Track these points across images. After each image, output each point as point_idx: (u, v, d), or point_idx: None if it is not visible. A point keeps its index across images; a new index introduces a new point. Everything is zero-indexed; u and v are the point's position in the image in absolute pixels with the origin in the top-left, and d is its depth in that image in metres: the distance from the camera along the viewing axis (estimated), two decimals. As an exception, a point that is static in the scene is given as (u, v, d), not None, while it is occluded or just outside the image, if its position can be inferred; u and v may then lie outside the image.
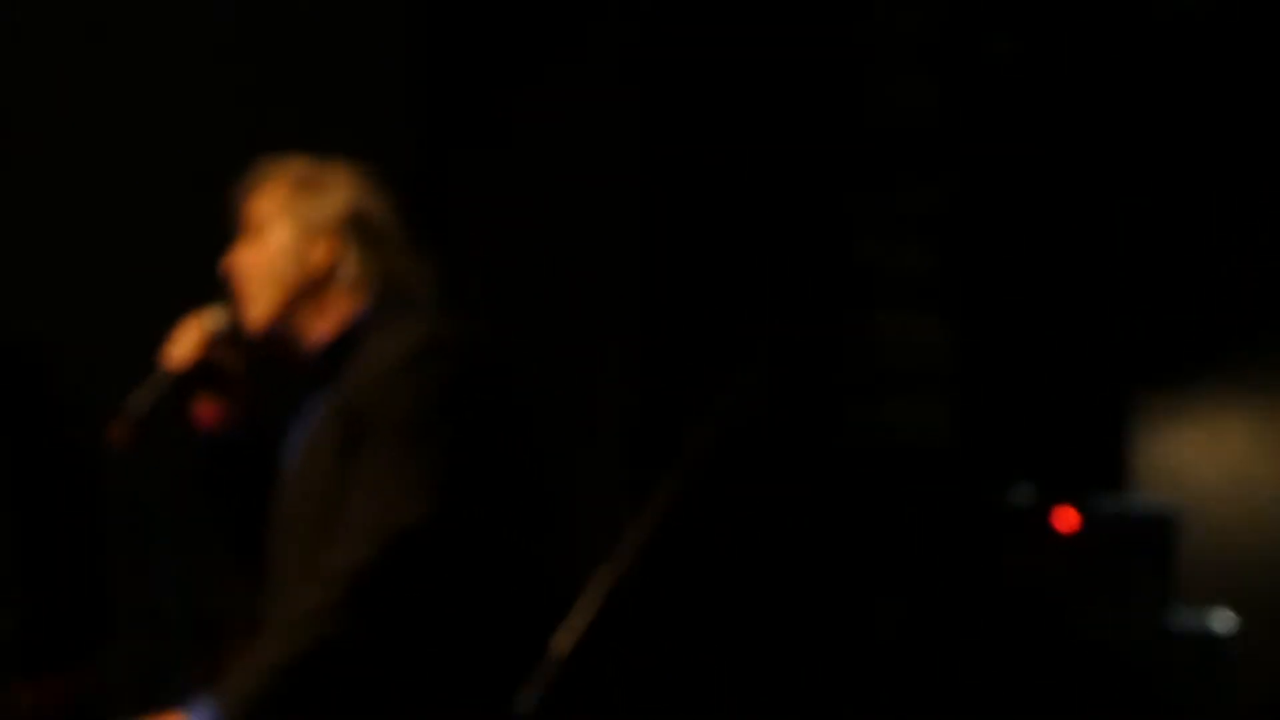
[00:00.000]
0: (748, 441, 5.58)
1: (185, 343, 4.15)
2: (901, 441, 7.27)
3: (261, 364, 4.28)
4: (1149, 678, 6.94)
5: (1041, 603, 6.97)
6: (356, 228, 4.14)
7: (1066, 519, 6.93)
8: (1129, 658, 6.93)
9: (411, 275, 4.15)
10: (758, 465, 6.31)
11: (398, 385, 3.95)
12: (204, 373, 4.21)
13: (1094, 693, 6.89)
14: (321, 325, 4.13)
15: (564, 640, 3.82)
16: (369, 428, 3.95)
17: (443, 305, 4.15)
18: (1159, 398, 7.93)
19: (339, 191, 4.19)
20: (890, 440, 7.23)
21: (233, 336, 4.21)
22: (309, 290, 4.16)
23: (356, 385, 3.98)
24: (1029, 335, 7.40)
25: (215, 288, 4.20)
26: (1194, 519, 7.22)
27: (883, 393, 7.23)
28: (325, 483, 3.99)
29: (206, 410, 4.21)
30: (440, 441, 3.92)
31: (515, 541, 4.13)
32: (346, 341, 4.08)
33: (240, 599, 4.34)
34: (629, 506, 4.68)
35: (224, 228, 4.22)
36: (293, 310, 4.15)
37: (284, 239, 4.17)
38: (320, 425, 4.04)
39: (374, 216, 4.17)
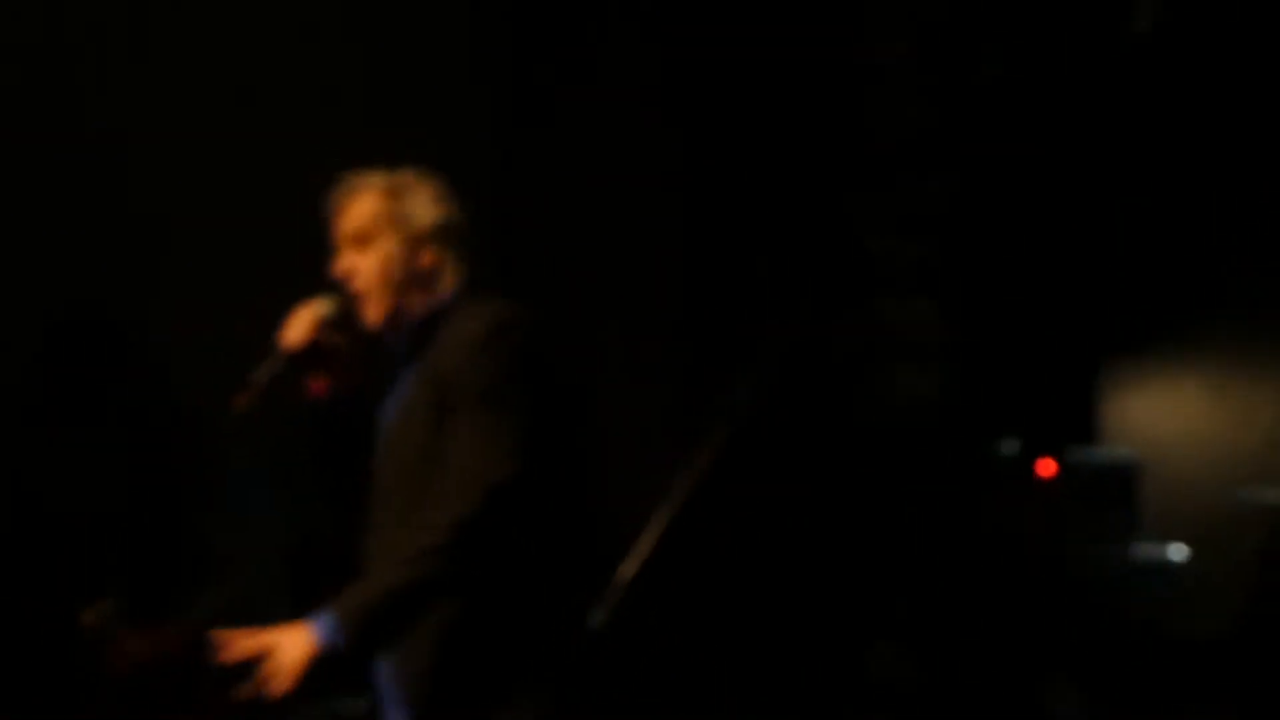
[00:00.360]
0: (777, 404, 6.39)
1: (298, 327, 4.67)
2: (904, 405, 7.81)
3: (366, 343, 4.83)
4: (1116, 600, 7.51)
5: (1025, 537, 7.59)
6: (447, 234, 4.71)
7: (1046, 468, 7.66)
8: (1100, 583, 7.61)
9: (478, 266, 4.68)
10: (784, 425, 6.97)
11: (478, 358, 4.44)
12: (313, 352, 4.71)
13: (1070, 615, 7.48)
14: (415, 310, 4.68)
15: (628, 567, 4.79)
16: (457, 394, 4.46)
17: (503, 290, 4.66)
18: (1125, 364, 8.48)
19: (429, 204, 4.75)
20: (895, 403, 7.78)
21: (339, 322, 4.73)
22: (414, 284, 4.72)
23: (441, 357, 4.51)
24: (1013, 313, 7.95)
25: (322, 281, 4.73)
26: (1155, 467, 7.92)
27: (887, 363, 7.82)
28: (419, 437, 4.50)
29: (315, 382, 4.73)
30: (518, 407, 4.38)
31: (571, 490, 4.65)
32: (432, 322, 4.61)
33: (336, 544, 4.91)
34: (674, 460, 5.31)
35: (321, 229, 4.77)
36: (399, 304, 4.71)
37: (392, 249, 4.69)
38: (412, 391, 4.55)
39: (456, 222, 4.73)
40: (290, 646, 4.35)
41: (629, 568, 4.97)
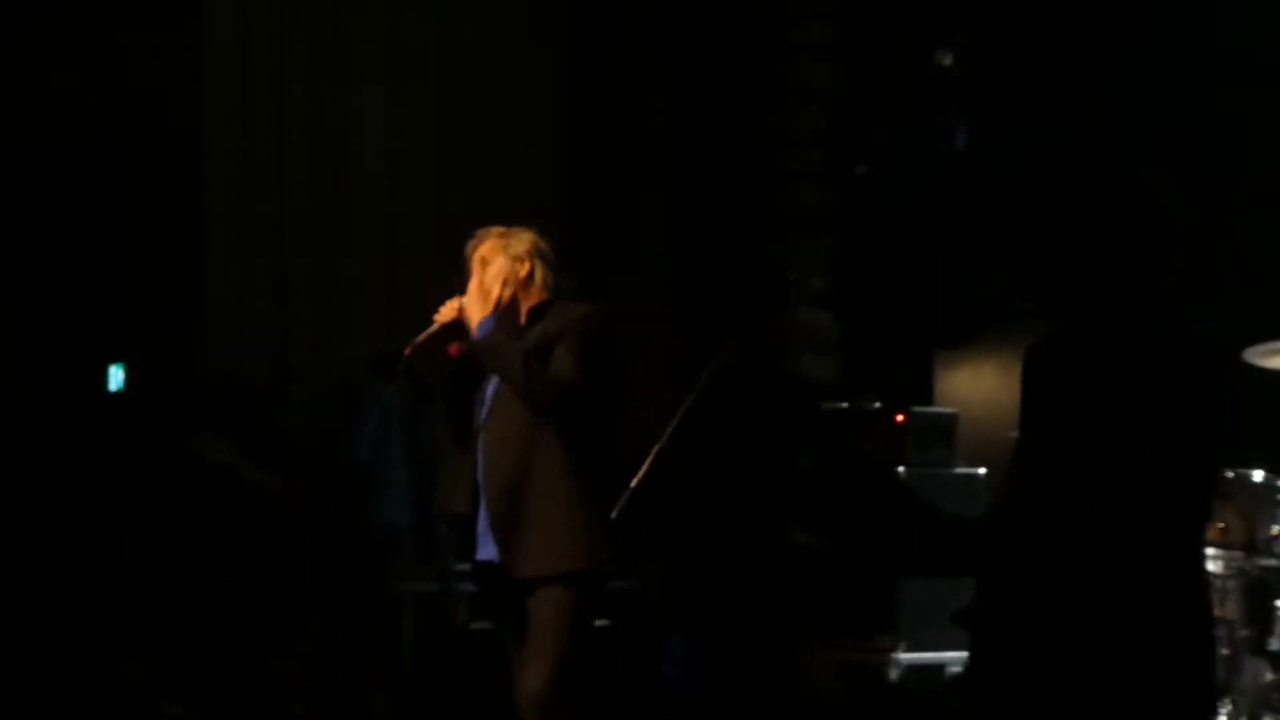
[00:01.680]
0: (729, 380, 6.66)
1: (446, 311, 5.80)
2: (810, 381, 9.87)
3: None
4: (940, 505, 8.70)
5: (881, 463, 7.76)
6: (537, 254, 5.92)
7: (898, 417, 9.34)
8: (929, 494, 8.48)
9: (567, 277, 5.94)
10: (734, 391, 7.46)
11: (576, 330, 5.69)
12: (454, 327, 5.83)
13: (908, 515, 8.19)
14: (525, 301, 5.89)
15: (637, 478, 5.54)
16: (563, 345, 5.66)
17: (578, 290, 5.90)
18: (950, 355, 10.34)
19: (525, 238, 5.95)
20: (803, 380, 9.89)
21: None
22: (521, 286, 5.88)
23: (549, 330, 5.73)
24: (879, 321, 10.09)
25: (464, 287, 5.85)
26: (966, 419, 9.59)
27: (799, 353, 10.07)
28: (535, 368, 5.65)
29: (452, 347, 5.90)
30: (599, 358, 5.64)
31: (613, 414, 5.82)
32: (536, 313, 5.83)
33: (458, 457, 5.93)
34: (665, 413, 5.74)
35: (461, 259, 5.92)
36: (514, 296, 5.86)
37: (504, 263, 5.88)
38: (529, 345, 5.71)
39: (544, 248, 5.94)
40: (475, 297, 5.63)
41: (636, 479, 5.66)
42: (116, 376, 9.50)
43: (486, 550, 5.75)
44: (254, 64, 9.70)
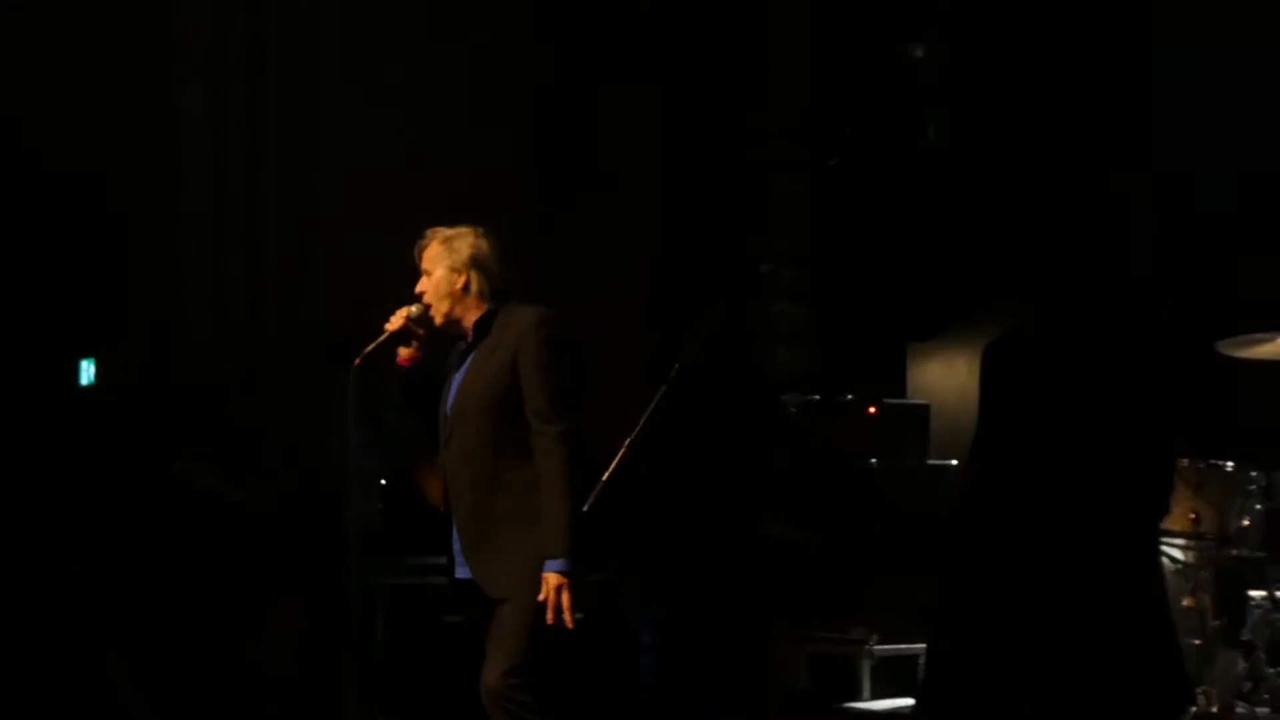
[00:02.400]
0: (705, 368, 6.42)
1: (396, 319, 5.91)
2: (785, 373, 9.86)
3: (437, 336, 6.00)
4: (912, 496, 8.93)
5: (855, 454, 9.15)
6: (474, 264, 5.92)
7: (871, 410, 9.26)
8: (900, 485, 9.12)
9: (513, 282, 5.94)
10: (706, 383, 8.10)
11: (530, 339, 5.73)
12: (403, 335, 5.97)
13: (880, 502, 8.99)
14: (465, 313, 5.94)
15: (608, 471, 5.62)
16: (518, 362, 5.69)
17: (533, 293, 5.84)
18: (922, 347, 10.21)
19: (464, 245, 5.92)
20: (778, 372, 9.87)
21: (420, 320, 5.94)
22: (459, 299, 5.94)
23: (501, 338, 5.75)
24: (853, 315, 10.04)
25: (413, 296, 5.95)
26: (938, 411, 9.50)
27: (774, 345, 10.04)
28: (492, 383, 5.76)
29: (403, 354, 6.02)
30: (564, 364, 5.68)
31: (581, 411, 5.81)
32: (487, 320, 5.89)
33: (424, 454, 6.34)
34: (637, 405, 5.87)
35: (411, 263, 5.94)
36: (453, 310, 5.94)
37: (442, 275, 5.91)
38: (481, 358, 5.80)
39: (484, 254, 5.92)
40: (552, 585, 5.60)
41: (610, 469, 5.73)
42: (88, 371, 9.41)
43: (463, 570, 5.86)
44: (227, 61, 9.73)
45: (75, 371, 9.49)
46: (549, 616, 5.55)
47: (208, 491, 8.51)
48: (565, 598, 5.54)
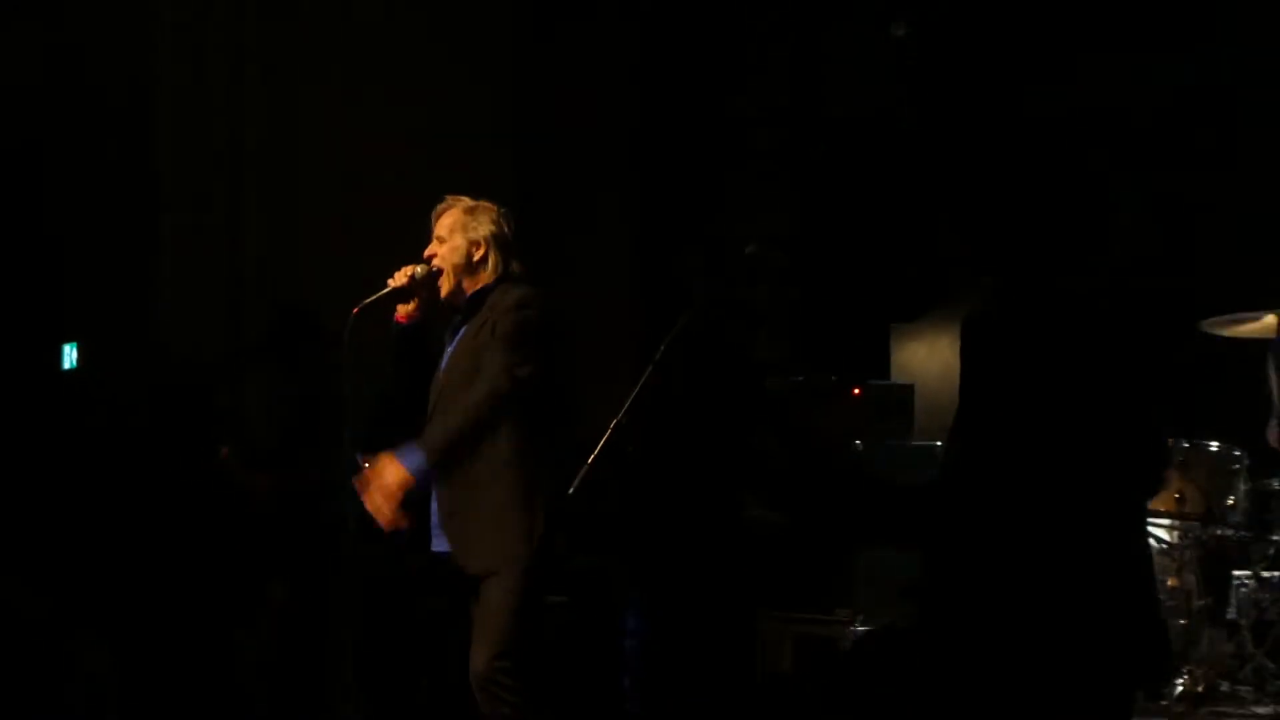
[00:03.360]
0: (688, 354, 6.90)
1: (400, 276, 5.92)
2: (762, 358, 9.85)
3: (437, 300, 5.95)
4: (895, 475, 8.87)
5: (840, 435, 9.22)
6: (495, 241, 5.91)
7: (855, 391, 9.38)
8: (881, 465, 9.08)
9: (516, 261, 5.93)
10: (690, 365, 8.39)
11: (508, 316, 5.68)
12: (405, 292, 5.93)
13: (865, 484, 8.97)
14: (472, 286, 5.89)
15: (594, 454, 5.74)
16: (494, 336, 5.63)
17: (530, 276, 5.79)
18: (905, 328, 10.35)
19: (487, 220, 5.90)
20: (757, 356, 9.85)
21: (424, 280, 5.89)
22: (469, 270, 5.91)
23: (489, 317, 5.72)
24: (834, 297, 10.16)
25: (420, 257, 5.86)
26: (922, 391, 9.59)
27: (753, 331, 10.03)
28: (473, 360, 5.72)
29: (402, 312, 5.98)
30: (529, 343, 5.58)
31: (559, 393, 5.80)
32: (481, 295, 5.84)
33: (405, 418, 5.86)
34: (623, 389, 6.02)
35: (424, 228, 5.87)
36: (462, 281, 5.90)
37: (460, 244, 5.88)
38: (470, 333, 5.74)
39: (505, 233, 5.92)
40: (388, 473, 5.53)
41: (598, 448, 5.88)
42: (70, 355, 9.43)
43: (440, 543, 5.79)
44: (208, 43, 9.69)
45: (58, 356, 9.49)
46: (367, 502, 5.51)
47: (239, 481, 8.43)
48: (387, 501, 5.52)
